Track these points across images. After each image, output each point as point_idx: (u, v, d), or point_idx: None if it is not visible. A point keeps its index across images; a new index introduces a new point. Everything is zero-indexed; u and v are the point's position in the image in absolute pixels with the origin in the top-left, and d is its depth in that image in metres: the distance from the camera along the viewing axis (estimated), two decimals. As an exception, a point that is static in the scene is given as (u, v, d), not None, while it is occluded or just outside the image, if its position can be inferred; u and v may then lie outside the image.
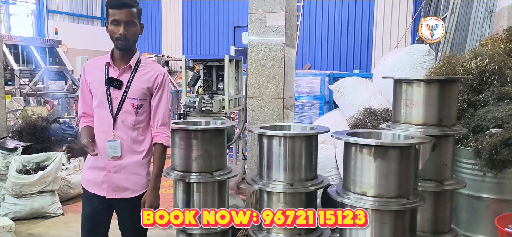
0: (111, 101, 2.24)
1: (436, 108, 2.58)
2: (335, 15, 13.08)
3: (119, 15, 2.16)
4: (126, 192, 2.28)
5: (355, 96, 5.61)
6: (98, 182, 2.28)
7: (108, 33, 2.22)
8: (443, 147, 2.61)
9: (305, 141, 2.53)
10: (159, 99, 2.29)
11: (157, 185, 2.29)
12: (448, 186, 2.62)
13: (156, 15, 16.30)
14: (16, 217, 4.42)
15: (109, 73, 2.25)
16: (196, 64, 5.56)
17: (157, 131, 2.30)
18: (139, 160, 2.29)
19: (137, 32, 2.25)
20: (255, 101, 3.61)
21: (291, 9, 3.61)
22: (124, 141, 2.24)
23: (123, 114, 2.24)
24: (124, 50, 2.24)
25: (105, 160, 2.25)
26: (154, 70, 2.31)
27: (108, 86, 2.23)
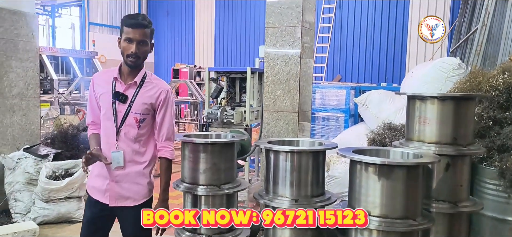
0: (116, 114, 2.33)
1: (450, 127, 2.48)
2: (367, 25, 12.87)
3: (134, 34, 2.25)
4: (128, 201, 2.37)
5: (380, 110, 5.49)
6: (102, 190, 2.38)
7: (119, 48, 2.32)
8: (458, 166, 2.50)
9: (311, 157, 2.50)
10: (163, 115, 2.38)
11: (165, 197, 2.39)
12: (464, 207, 2.50)
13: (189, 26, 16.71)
14: (44, 221, 4.63)
15: (116, 87, 2.35)
16: (220, 76, 5.63)
17: (162, 145, 2.39)
18: (140, 170, 2.38)
19: (148, 51, 2.35)
20: (270, 114, 3.61)
21: (308, 23, 3.60)
22: (126, 152, 2.34)
23: (126, 127, 2.34)
24: (133, 67, 2.33)
25: (109, 170, 2.34)
26: (158, 87, 2.39)
27: (114, 100, 2.33)
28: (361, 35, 12.88)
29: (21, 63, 4.95)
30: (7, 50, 4.80)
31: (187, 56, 16.66)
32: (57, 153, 5.28)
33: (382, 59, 12.61)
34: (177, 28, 16.80)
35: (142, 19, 2.28)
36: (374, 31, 12.72)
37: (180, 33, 16.83)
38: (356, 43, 12.98)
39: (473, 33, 5.79)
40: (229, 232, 2.78)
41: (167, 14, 17.42)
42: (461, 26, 8.16)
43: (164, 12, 17.52)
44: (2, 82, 4.80)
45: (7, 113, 4.89)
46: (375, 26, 12.74)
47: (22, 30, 4.94)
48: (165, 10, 17.45)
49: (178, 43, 16.87)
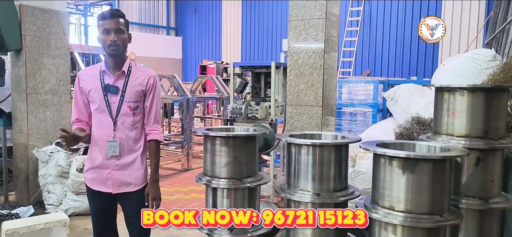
0: (110, 105, 2.45)
1: (481, 119, 2.36)
2: (398, 19, 12.54)
3: (109, 24, 2.37)
4: (129, 186, 2.52)
5: (409, 104, 5.34)
6: (103, 179, 2.50)
7: (100, 44, 2.43)
8: (489, 161, 2.37)
9: (334, 150, 2.44)
10: (152, 100, 2.54)
11: (156, 177, 2.56)
12: (495, 204, 2.38)
13: (216, 23, 16.83)
14: (75, 212, 4.79)
15: (105, 80, 2.45)
16: (245, 71, 5.63)
17: (151, 129, 2.55)
18: (138, 156, 2.53)
19: (126, 40, 2.45)
20: (293, 109, 3.57)
21: (332, 15, 3.53)
22: (124, 141, 2.47)
23: (121, 117, 2.46)
24: (115, 56, 2.42)
25: (107, 160, 2.47)
26: (145, 74, 2.54)
27: (106, 92, 2.43)
28: (391, 28, 12.56)
29: (53, 60, 5.12)
30: (39, 48, 4.98)
31: (214, 52, 16.80)
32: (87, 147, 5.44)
33: (413, 53, 12.26)
34: (204, 25, 16.96)
35: (114, 10, 2.44)
36: (405, 24, 12.37)
37: (207, 29, 16.98)
38: (386, 37, 12.67)
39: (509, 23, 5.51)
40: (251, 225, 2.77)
41: (194, 11, 17.61)
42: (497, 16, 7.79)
43: (191, 9, 17.73)
44: (35, 78, 4.99)
45: (40, 108, 5.08)
46: (405, 19, 12.39)
47: (54, 28, 5.11)
48: (193, 7, 17.65)
49: (205, 39, 17.04)
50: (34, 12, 4.92)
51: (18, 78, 5.01)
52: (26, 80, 4.92)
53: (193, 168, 7.11)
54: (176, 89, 7.22)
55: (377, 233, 2.19)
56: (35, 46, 4.96)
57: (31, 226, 3.46)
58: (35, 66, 4.99)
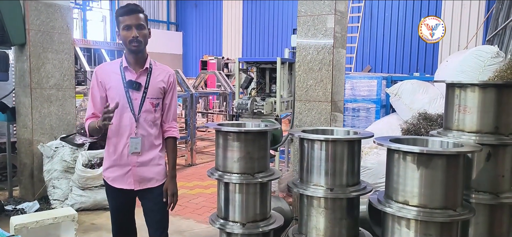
0: (132, 102, 2.43)
1: (492, 115, 2.39)
2: (398, 15, 12.56)
3: (130, 20, 2.35)
4: (151, 182, 2.53)
5: (413, 100, 5.36)
6: (123, 177, 2.49)
7: (121, 41, 2.42)
8: (500, 156, 2.40)
9: (347, 146, 2.47)
10: (172, 97, 2.57)
11: (174, 173, 2.59)
12: (506, 199, 2.41)
13: (217, 18, 16.80)
14: (81, 208, 4.79)
15: (127, 77, 2.43)
16: (250, 66, 5.64)
17: (170, 126, 2.58)
18: (158, 152, 2.54)
19: (147, 35, 2.43)
20: (302, 104, 3.59)
21: (341, 11, 3.54)
22: (145, 138, 2.47)
23: (144, 114, 2.46)
24: (137, 52, 2.40)
25: (127, 157, 2.46)
26: (166, 71, 2.55)
27: (127, 89, 2.42)
28: (392, 25, 12.58)
29: (57, 54, 5.11)
30: (43, 42, 4.97)
31: (215, 48, 16.78)
32: (92, 142, 5.45)
33: (413, 50, 12.29)
34: (205, 20, 16.93)
35: (134, 6, 2.41)
36: (406, 21, 12.39)
37: (208, 25, 16.95)
38: (387, 33, 12.70)
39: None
40: (262, 220, 2.80)
41: (195, 6, 17.56)
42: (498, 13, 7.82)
43: (192, 4, 17.68)
44: (39, 73, 4.98)
45: (45, 103, 5.08)
46: (406, 16, 12.40)
47: (57, 22, 5.10)
48: (193, 3, 17.60)
49: (206, 35, 17.01)
50: (37, 6, 4.90)
51: (22, 73, 4.99)
52: (30, 75, 4.91)
53: (196, 163, 7.13)
54: (180, 85, 7.22)
55: (390, 227, 2.22)
56: (39, 40, 4.95)
57: (40, 221, 3.46)
58: (39, 61, 4.98)
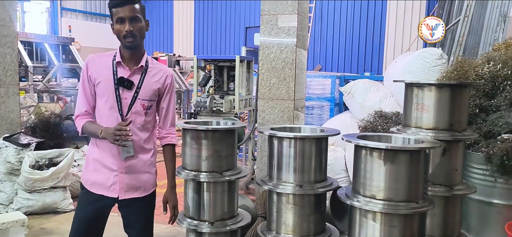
0: (121, 102, 2.22)
1: (447, 113, 2.57)
2: (347, 17, 13.03)
3: (123, 12, 2.14)
4: (138, 191, 2.30)
5: (365, 99, 5.60)
6: (107, 183, 2.25)
7: (115, 34, 2.20)
8: (454, 151, 2.60)
9: (315, 143, 2.54)
10: (169, 100, 2.35)
11: (174, 183, 2.41)
12: (458, 191, 2.61)
13: (168, 14, 16.42)
14: (28, 212, 4.50)
15: (119, 73, 2.22)
16: (207, 64, 5.60)
17: (168, 132, 2.38)
18: (149, 159, 2.33)
19: (143, 28, 2.22)
20: (265, 102, 3.63)
21: (303, 11, 3.62)
22: (134, 142, 2.24)
23: (132, 115, 2.24)
24: (133, 48, 2.20)
25: (116, 161, 2.24)
26: (163, 71, 2.34)
27: (117, 86, 2.21)
28: (341, 26, 13.03)
29: (0, 48, 4.76)
30: (-15, 35, 4.60)
31: (166, 44, 16.39)
32: (40, 142, 5.13)
33: (361, 50, 12.81)
34: (154, 15, 16.46)
35: None
36: (354, 22, 12.89)
37: (158, 20, 16.50)
38: (336, 34, 13.13)
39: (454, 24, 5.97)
40: (230, 218, 2.81)
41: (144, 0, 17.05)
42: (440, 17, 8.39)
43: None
44: (-20, 68, 4.61)
45: (-14, 100, 4.71)
46: (354, 17, 12.91)
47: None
48: (142, -3, 17.07)
49: (156, 31, 16.55)
50: (-22, -4, 4.53)
51: (-40, 68, 4.60)
52: (-31, 70, 4.53)
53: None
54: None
55: (357, 221, 2.31)
56: (-21, 33, 4.58)
57: (-14, 227, 3.21)
58: (-20, 54, 4.60)
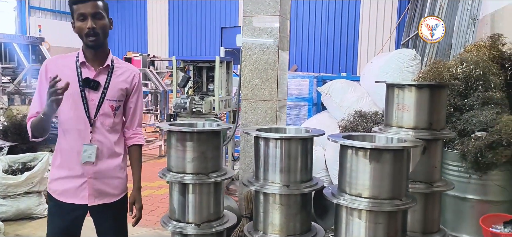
0: (87, 103, 2.15)
1: (426, 113, 2.66)
2: (322, 18, 13.22)
3: (85, 9, 2.06)
4: (107, 197, 2.26)
5: (343, 99, 5.71)
6: (76, 190, 2.19)
7: (76, 32, 2.13)
8: (433, 150, 2.69)
9: (301, 144, 2.57)
10: (136, 100, 2.33)
11: (140, 185, 2.39)
12: (437, 187, 2.71)
13: (141, 13, 16.16)
14: (1, 218, 4.34)
15: (83, 74, 2.15)
16: (186, 65, 5.56)
17: (135, 132, 2.36)
18: (119, 163, 2.29)
19: (107, 26, 2.16)
20: (248, 103, 3.65)
21: (285, 13, 3.66)
22: (103, 145, 2.19)
23: (101, 117, 2.19)
24: (96, 47, 2.14)
25: (83, 166, 2.18)
26: (130, 71, 2.30)
27: (83, 88, 2.14)
28: (316, 27, 13.21)
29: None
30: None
31: (140, 44, 16.11)
32: (12, 146, 4.97)
33: (336, 50, 13.03)
34: (127, 15, 16.16)
35: None
36: (328, 23, 13.10)
37: (131, 19, 16.20)
38: (311, 34, 13.30)
39: (427, 26, 6.16)
40: (216, 220, 2.81)
41: (116, 0, 16.70)
42: (412, 19, 8.65)
43: (113, -3, 16.79)
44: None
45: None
46: (329, 18, 13.12)
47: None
48: (114, -4, 16.72)
49: (129, 30, 16.25)
50: None
51: None
52: None
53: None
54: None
55: (344, 218, 2.36)
56: None
57: (-41, 235, 3.09)
58: None
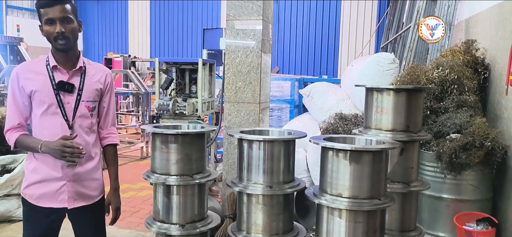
0: (64, 107, 2.16)
1: (404, 116, 2.76)
2: (303, 20, 13.37)
3: (53, 13, 2.06)
4: (87, 199, 2.27)
5: (324, 101, 5.81)
6: (54, 194, 2.19)
7: (44, 36, 2.13)
8: (410, 151, 2.80)
9: (283, 146, 2.64)
10: (109, 99, 2.36)
11: (117, 185, 2.42)
12: (414, 187, 2.82)
13: (122, 13, 15.98)
14: (-22, 222, 4.27)
15: (56, 77, 2.15)
16: (169, 67, 5.57)
17: (109, 132, 2.38)
18: (96, 164, 2.31)
19: (76, 30, 2.16)
20: (231, 105, 3.70)
21: (268, 17, 3.73)
22: (82, 147, 2.17)
23: (78, 119, 2.20)
24: (66, 50, 2.14)
25: (61, 169, 2.17)
26: (102, 71, 2.34)
27: (58, 91, 2.14)
28: (297, 29, 13.36)
29: None
30: None
31: (121, 45, 15.93)
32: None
33: (317, 53, 13.20)
34: (108, 15, 15.96)
35: None
36: (309, 26, 13.26)
37: (112, 20, 16.01)
38: (293, 37, 13.44)
39: (405, 31, 6.35)
40: (200, 221, 2.84)
41: (97, 0, 16.49)
42: (391, 24, 8.86)
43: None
44: None
45: None
46: (310, 21, 13.28)
47: None
48: (95, -4, 16.50)
49: (110, 31, 16.05)
50: None
51: None
52: None
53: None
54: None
55: (325, 218, 2.44)
56: None
57: None
58: None
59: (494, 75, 3.90)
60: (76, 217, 2.28)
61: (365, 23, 12.81)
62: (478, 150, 3.31)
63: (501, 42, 3.74)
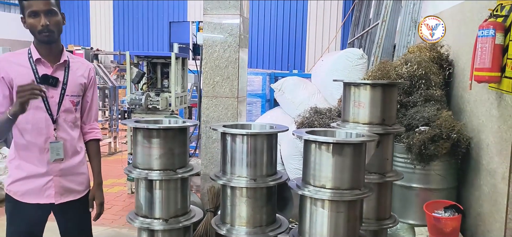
0: (47, 100, 2.13)
1: (379, 109, 2.88)
2: (271, 16, 13.49)
3: (37, 6, 2.02)
4: (73, 194, 2.27)
5: (295, 95, 5.92)
6: (41, 189, 2.17)
7: (27, 28, 2.10)
8: (385, 143, 2.93)
9: (266, 139, 2.69)
10: (92, 94, 2.36)
11: (101, 180, 2.40)
12: (389, 177, 2.95)
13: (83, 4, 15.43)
14: None
15: (40, 71, 2.12)
16: (140, 60, 5.47)
17: (92, 127, 2.38)
18: (82, 158, 2.31)
19: (60, 22, 2.14)
20: (209, 100, 3.70)
21: (245, 12, 3.76)
22: (67, 141, 2.19)
23: (63, 114, 2.18)
24: (50, 43, 2.11)
25: (47, 165, 2.15)
26: (85, 65, 2.34)
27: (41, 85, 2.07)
28: (265, 25, 13.47)
29: None
30: None
31: (82, 37, 15.38)
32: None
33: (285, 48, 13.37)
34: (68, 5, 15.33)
35: None
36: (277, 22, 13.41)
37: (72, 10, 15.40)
38: (261, 32, 13.54)
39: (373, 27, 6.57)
40: (183, 215, 2.85)
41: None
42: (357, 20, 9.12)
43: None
44: None
45: None
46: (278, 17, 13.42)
47: None
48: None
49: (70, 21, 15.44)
50: None
51: None
52: None
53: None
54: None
55: (308, 208, 2.51)
56: None
57: None
58: None
59: (458, 71, 4.13)
60: (62, 212, 2.26)
61: (332, 19, 13.11)
62: (445, 142, 3.51)
63: (463, 39, 3.97)
